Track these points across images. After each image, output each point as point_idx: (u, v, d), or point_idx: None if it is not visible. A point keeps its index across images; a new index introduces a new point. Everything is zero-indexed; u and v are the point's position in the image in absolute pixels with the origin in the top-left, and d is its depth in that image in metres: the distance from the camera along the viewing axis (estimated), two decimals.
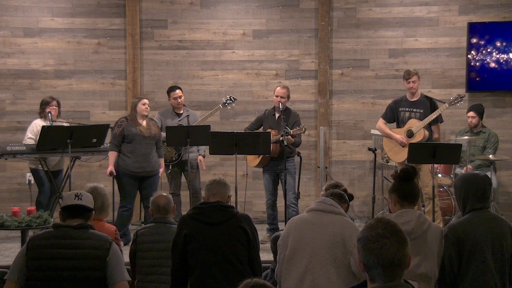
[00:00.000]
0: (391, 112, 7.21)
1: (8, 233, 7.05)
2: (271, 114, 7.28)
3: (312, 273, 3.67)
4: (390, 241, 2.30)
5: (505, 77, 8.42)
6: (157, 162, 7.08)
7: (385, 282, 2.30)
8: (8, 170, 8.58)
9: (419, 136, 6.88)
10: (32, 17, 8.60)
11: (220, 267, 3.89)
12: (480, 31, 8.42)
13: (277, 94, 7.19)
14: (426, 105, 7.03)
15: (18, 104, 8.58)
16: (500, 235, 3.88)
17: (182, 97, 7.49)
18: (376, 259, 2.29)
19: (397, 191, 3.85)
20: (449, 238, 3.85)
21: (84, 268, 3.44)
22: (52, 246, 3.48)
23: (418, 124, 6.90)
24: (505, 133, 8.37)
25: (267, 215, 7.31)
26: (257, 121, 7.42)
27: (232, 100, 7.62)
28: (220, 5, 8.72)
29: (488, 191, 4.00)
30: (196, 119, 7.54)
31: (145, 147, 6.94)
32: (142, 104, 7.03)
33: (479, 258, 3.81)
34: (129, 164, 6.92)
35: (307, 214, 3.90)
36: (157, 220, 4.72)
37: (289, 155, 7.07)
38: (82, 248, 3.47)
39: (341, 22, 8.68)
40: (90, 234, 3.55)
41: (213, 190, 4.11)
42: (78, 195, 3.62)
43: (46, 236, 3.56)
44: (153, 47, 8.69)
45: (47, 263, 3.44)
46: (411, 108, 7.05)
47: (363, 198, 8.63)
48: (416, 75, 7.06)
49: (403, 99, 7.17)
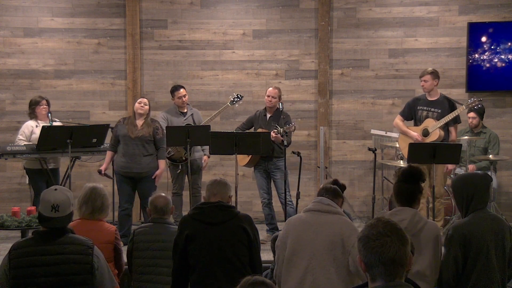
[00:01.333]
0: (409, 110, 7.20)
1: (8, 233, 7.04)
2: (262, 115, 7.31)
3: (312, 274, 3.67)
4: (391, 239, 2.30)
5: (505, 77, 8.42)
6: (149, 164, 6.89)
7: (386, 281, 2.30)
8: (8, 170, 8.58)
9: (434, 136, 6.88)
10: (32, 17, 8.60)
11: (221, 267, 3.89)
12: (480, 31, 8.42)
13: (268, 94, 7.22)
14: (445, 105, 6.99)
15: (18, 104, 8.58)
16: (502, 234, 3.90)
17: (186, 96, 7.49)
18: (377, 257, 2.29)
19: (394, 191, 3.89)
20: (455, 239, 3.84)
21: (67, 273, 3.43)
22: (33, 253, 3.46)
23: (434, 124, 6.90)
24: (505, 133, 8.37)
25: (265, 215, 7.31)
26: (248, 122, 7.44)
27: (240, 98, 7.62)
28: (220, 5, 8.72)
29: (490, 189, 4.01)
30: (199, 117, 7.54)
31: (133, 148, 6.84)
32: (138, 103, 7.01)
33: (484, 258, 3.83)
34: (119, 164, 6.92)
35: (305, 214, 3.89)
36: (154, 220, 4.73)
37: (279, 154, 7.06)
38: (64, 253, 3.46)
39: (341, 22, 8.68)
40: (70, 239, 3.53)
41: (214, 190, 4.11)
42: (55, 207, 3.51)
43: (27, 244, 3.54)
44: (153, 47, 8.69)
45: (30, 271, 3.43)
46: (429, 108, 7.04)
47: (363, 198, 8.63)
48: (431, 74, 7.02)
49: (422, 98, 7.16)
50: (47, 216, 3.52)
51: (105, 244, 4.32)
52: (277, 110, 7.23)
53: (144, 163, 6.86)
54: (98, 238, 3.99)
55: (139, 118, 6.96)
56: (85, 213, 4.54)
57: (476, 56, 8.44)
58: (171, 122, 7.32)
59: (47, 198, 3.56)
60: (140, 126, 6.90)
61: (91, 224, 4.49)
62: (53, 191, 3.60)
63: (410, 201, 3.85)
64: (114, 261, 4.53)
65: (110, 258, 4.38)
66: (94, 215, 4.54)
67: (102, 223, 4.59)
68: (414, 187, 3.87)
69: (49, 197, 3.56)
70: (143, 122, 6.94)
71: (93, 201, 4.54)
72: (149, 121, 6.98)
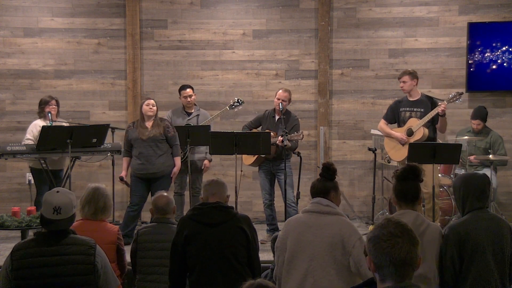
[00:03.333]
0: (392, 113, 7.21)
1: (8, 233, 7.04)
2: (271, 116, 7.27)
3: (313, 276, 3.67)
4: (402, 240, 2.29)
5: (505, 77, 8.42)
6: (165, 163, 6.95)
7: (396, 282, 2.29)
8: (8, 170, 8.58)
9: (418, 134, 6.88)
10: (32, 17, 8.60)
11: (219, 267, 3.89)
12: (480, 31, 8.41)
13: (278, 97, 7.16)
14: (427, 104, 7.01)
15: (18, 104, 8.58)
16: (500, 234, 3.89)
17: (192, 96, 7.50)
18: (388, 258, 2.27)
19: (395, 191, 3.86)
20: (450, 239, 3.85)
21: (69, 274, 3.44)
22: (35, 254, 3.46)
23: (418, 123, 6.91)
24: (505, 133, 8.37)
25: (266, 216, 7.31)
26: (256, 121, 7.42)
27: (240, 103, 7.61)
28: (220, 5, 8.72)
29: (487, 190, 4.00)
30: (206, 119, 7.52)
31: (146, 150, 6.90)
32: (145, 105, 7.02)
33: (480, 258, 3.82)
34: (135, 166, 6.97)
35: (304, 215, 3.88)
36: (158, 220, 4.72)
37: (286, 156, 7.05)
38: (66, 254, 3.46)
39: (341, 22, 8.68)
40: (72, 240, 3.53)
41: (212, 190, 4.11)
42: (57, 209, 3.51)
43: (29, 245, 3.54)
44: (153, 47, 8.69)
45: (32, 272, 3.43)
46: (411, 108, 7.05)
47: (363, 198, 8.63)
48: (409, 75, 7.01)
49: (404, 100, 7.17)
50: (49, 219, 3.52)
51: (108, 245, 4.30)
52: (286, 112, 7.21)
53: (158, 163, 6.91)
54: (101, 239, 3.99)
55: (148, 120, 6.98)
56: (88, 213, 4.54)
57: (476, 56, 8.44)
58: (174, 122, 7.34)
59: (49, 200, 3.56)
60: (150, 127, 6.94)
61: (93, 224, 4.49)
62: (55, 194, 3.59)
63: (414, 199, 3.83)
64: (117, 262, 4.53)
65: (112, 259, 4.38)
66: (96, 216, 4.54)
67: (104, 223, 4.59)
68: (417, 185, 3.86)
69: (51, 199, 3.56)
70: (153, 123, 6.98)
71: (96, 202, 4.54)
72: (158, 121, 7.02)
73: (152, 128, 6.94)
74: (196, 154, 7.44)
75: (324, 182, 3.93)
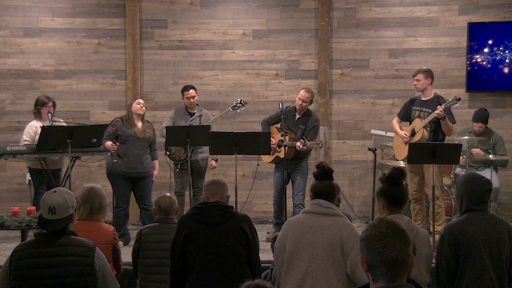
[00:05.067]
0: (405, 110, 7.17)
1: (8, 233, 7.05)
2: (292, 114, 7.26)
3: (312, 277, 3.66)
4: (394, 239, 2.29)
5: (505, 77, 8.42)
6: (150, 164, 7.13)
7: (389, 282, 2.29)
8: (8, 170, 8.58)
9: (418, 136, 6.87)
10: (32, 17, 8.60)
11: (219, 267, 3.89)
12: (480, 31, 8.41)
13: (300, 97, 7.13)
14: (435, 105, 6.89)
15: (18, 104, 8.58)
16: (498, 235, 3.87)
17: (195, 97, 7.48)
18: (380, 257, 2.27)
19: (385, 196, 3.83)
20: (445, 239, 3.85)
21: (67, 275, 3.43)
22: (34, 255, 3.46)
23: (420, 124, 6.90)
24: (505, 133, 8.36)
25: (274, 210, 7.33)
26: (277, 117, 7.34)
27: (242, 104, 7.58)
28: (220, 5, 8.72)
29: (485, 197, 3.98)
30: (209, 119, 7.50)
31: (139, 149, 6.99)
32: (136, 104, 7.07)
33: (475, 259, 3.81)
34: (121, 165, 6.98)
35: (303, 216, 3.86)
36: (160, 220, 4.73)
37: (304, 156, 7.16)
38: (64, 255, 3.45)
39: (341, 22, 8.68)
40: (71, 241, 3.52)
41: (212, 190, 4.11)
42: (52, 209, 3.50)
43: (28, 246, 3.55)
44: (153, 47, 8.69)
45: (30, 273, 3.43)
46: (421, 108, 6.99)
47: (363, 198, 8.63)
48: (424, 73, 6.95)
49: (417, 98, 7.12)
50: (46, 219, 3.52)
51: (104, 245, 4.29)
52: (307, 112, 7.21)
53: (146, 163, 7.08)
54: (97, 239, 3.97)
55: (137, 119, 7.02)
56: (83, 214, 4.53)
57: (476, 56, 8.44)
58: (177, 123, 7.34)
59: (45, 200, 3.56)
60: (142, 127, 6.98)
61: (89, 225, 4.48)
62: (52, 194, 3.59)
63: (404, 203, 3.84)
64: (113, 262, 4.53)
65: (109, 259, 4.37)
66: (92, 216, 4.54)
67: (100, 223, 4.58)
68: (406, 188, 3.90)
69: (47, 199, 3.56)
70: (143, 123, 7.04)
71: (91, 202, 4.53)
72: (147, 122, 7.16)
73: (147, 129, 7.05)
74: (199, 154, 7.43)
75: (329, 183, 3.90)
